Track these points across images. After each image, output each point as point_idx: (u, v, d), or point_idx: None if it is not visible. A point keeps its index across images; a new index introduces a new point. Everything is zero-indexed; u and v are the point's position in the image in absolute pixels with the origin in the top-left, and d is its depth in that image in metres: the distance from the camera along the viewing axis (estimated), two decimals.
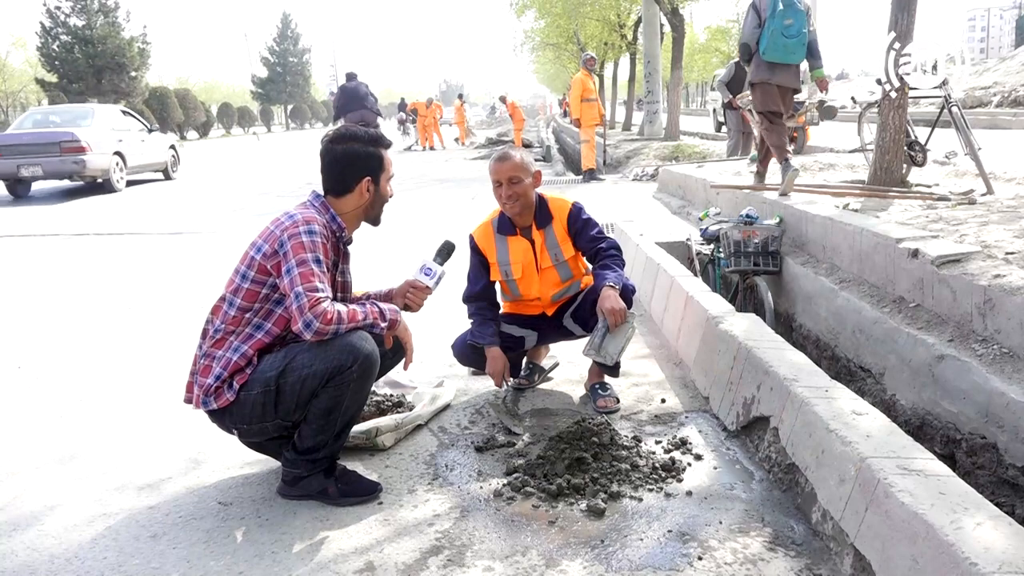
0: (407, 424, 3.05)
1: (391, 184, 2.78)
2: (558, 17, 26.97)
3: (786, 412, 2.58)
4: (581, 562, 2.17)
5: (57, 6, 41.73)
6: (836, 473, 2.17)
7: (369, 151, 2.65)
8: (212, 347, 2.49)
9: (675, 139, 16.23)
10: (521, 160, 3.21)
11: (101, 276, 6.82)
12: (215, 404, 2.45)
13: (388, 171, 2.71)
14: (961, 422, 3.19)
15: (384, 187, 2.71)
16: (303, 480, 2.54)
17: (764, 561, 2.14)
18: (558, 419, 3.20)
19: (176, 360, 4.04)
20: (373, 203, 2.70)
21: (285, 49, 71.01)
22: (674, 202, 9.17)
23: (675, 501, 2.50)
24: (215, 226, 9.58)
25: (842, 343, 4.34)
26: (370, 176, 2.65)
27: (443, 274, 2.90)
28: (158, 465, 2.89)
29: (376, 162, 2.66)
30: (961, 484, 1.90)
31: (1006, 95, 17.40)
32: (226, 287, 2.54)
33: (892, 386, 3.73)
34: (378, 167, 2.67)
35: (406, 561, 2.21)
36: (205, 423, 2.73)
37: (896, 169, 6.03)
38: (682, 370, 3.73)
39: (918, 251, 3.75)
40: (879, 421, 2.29)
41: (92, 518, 2.52)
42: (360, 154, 2.64)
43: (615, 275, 3.10)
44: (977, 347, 3.21)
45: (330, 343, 2.39)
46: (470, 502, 2.54)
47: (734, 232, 5.26)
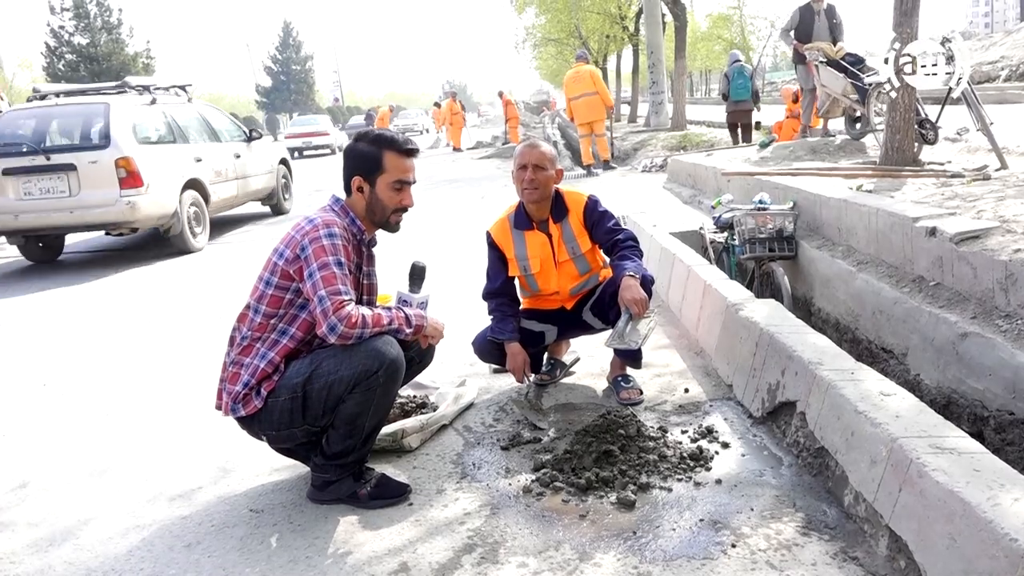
0: (432, 424, 3.06)
1: (407, 192, 2.65)
2: (559, 12, 26.95)
3: (812, 396, 2.57)
4: (615, 554, 2.17)
5: (61, 25, 42.10)
6: (867, 455, 2.16)
7: (365, 150, 2.59)
8: (240, 354, 2.50)
9: (682, 129, 16.19)
10: (549, 152, 3.27)
11: (116, 291, 6.86)
12: (243, 411, 2.47)
13: (390, 174, 2.58)
14: (988, 399, 3.17)
15: (383, 190, 2.58)
16: (333, 484, 2.56)
17: (798, 546, 2.14)
18: (583, 413, 3.20)
19: (197, 370, 4.07)
20: (371, 205, 2.60)
21: (288, 57, 71.31)
22: (685, 192, 9.14)
23: (705, 490, 2.50)
24: (229, 238, 9.61)
25: (862, 325, 4.32)
26: (360, 175, 2.58)
27: (427, 299, 2.88)
28: (188, 475, 2.92)
29: (369, 162, 2.57)
30: (996, 460, 1.89)
31: (1014, 69, 17.23)
32: (251, 295, 2.56)
33: (916, 366, 3.71)
34: (372, 168, 2.57)
35: (440, 560, 2.22)
36: (232, 431, 2.76)
37: (908, 148, 5.98)
38: (703, 359, 3.73)
39: (936, 229, 3.72)
40: (908, 401, 2.28)
41: (126, 530, 2.55)
42: (355, 153, 2.61)
43: (635, 265, 3.10)
44: (1001, 323, 3.18)
45: (356, 349, 2.40)
46: (500, 499, 2.54)
47: (748, 219, 5.24)
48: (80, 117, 8.40)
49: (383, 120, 27.23)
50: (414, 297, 2.86)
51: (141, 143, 8.11)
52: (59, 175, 7.75)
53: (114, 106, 8.13)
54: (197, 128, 9.49)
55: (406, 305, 2.79)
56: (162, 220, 8.24)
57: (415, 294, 2.88)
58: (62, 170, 7.75)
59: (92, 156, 7.78)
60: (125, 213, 7.81)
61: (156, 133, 8.59)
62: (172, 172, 8.40)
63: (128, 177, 7.76)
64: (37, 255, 8.74)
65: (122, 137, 7.88)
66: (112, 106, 8.11)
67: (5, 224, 7.93)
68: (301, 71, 72.11)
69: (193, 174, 8.75)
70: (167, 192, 8.22)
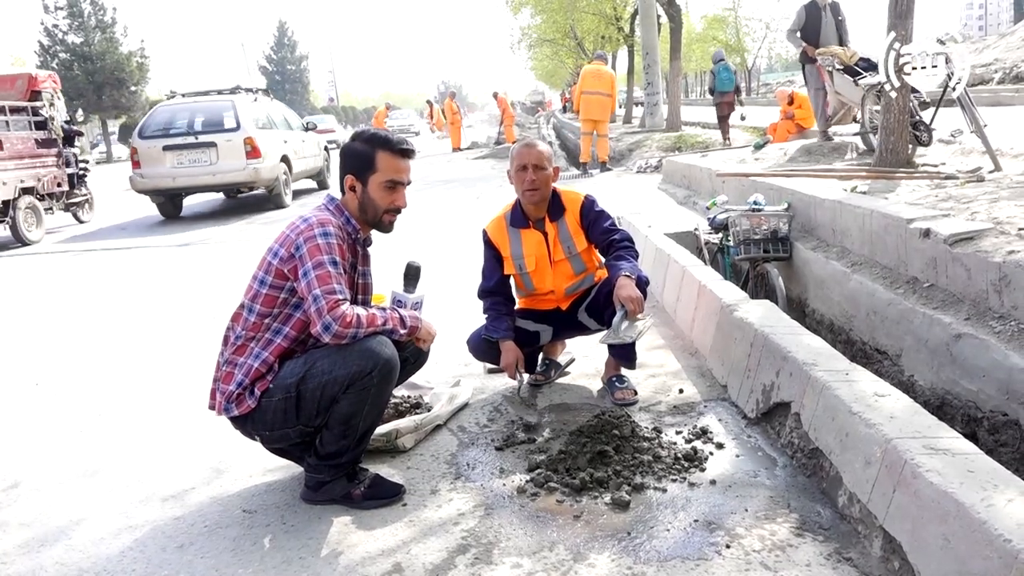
0: (426, 425, 3.05)
1: (400, 193, 2.61)
2: (554, 13, 27.00)
3: (807, 397, 2.57)
4: (609, 555, 2.17)
5: (55, 24, 41.99)
6: (861, 456, 2.16)
7: (358, 149, 2.58)
8: (233, 354, 2.49)
9: (677, 130, 16.20)
10: (547, 151, 3.28)
11: (111, 290, 6.85)
12: (237, 411, 2.46)
13: (382, 173, 2.55)
14: (982, 400, 3.18)
15: (375, 189, 2.56)
16: (326, 485, 2.55)
17: (792, 547, 2.13)
18: (577, 413, 3.20)
19: (189, 370, 4.06)
20: (363, 204, 2.57)
21: (283, 57, 71.29)
22: (680, 192, 9.15)
23: (699, 490, 2.50)
24: (223, 236, 9.60)
25: (856, 326, 4.32)
26: (353, 174, 2.57)
27: (421, 299, 2.87)
28: (181, 475, 2.90)
29: (362, 161, 2.56)
30: (989, 461, 1.89)
31: (1007, 71, 17.26)
32: (245, 294, 2.54)
33: (910, 367, 3.71)
34: (364, 166, 2.55)
35: (434, 561, 2.21)
36: (225, 432, 2.75)
37: (902, 150, 6.00)
38: (698, 359, 3.73)
39: (930, 230, 3.73)
40: (902, 402, 2.28)
41: (118, 531, 2.53)
42: (349, 152, 2.60)
43: (630, 265, 3.10)
44: (995, 324, 3.19)
45: (350, 349, 2.39)
46: (494, 500, 2.54)
47: (743, 220, 5.24)
48: (215, 109, 11.95)
49: (379, 119, 27.24)
50: (409, 297, 2.85)
51: (257, 128, 11.74)
52: (203, 150, 11.37)
53: (237, 102, 11.89)
54: (280, 119, 13.11)
55: (401, 305, 2.78)
56: (270, 182, 11.89)
57: (410, 294, 2.87)
58: (206, 146, 11.37)
59: (227, 136, 11.39)
60: (250, 175, 11.48)
61: (262, 121, 12.18)
62: (273, 149, 12.00)
63: (252, 151, 11.39)
64: (168, 211, 12.17)
65: (247, 123, 11.60)
66: (236, 102, 11.88)
67: (166, 184, 11.47)
68: (296, 71, 72.13)
69: (284, 151, 12.43)
70: (273, 162, 11.86)
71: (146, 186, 11.56)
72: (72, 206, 12.29)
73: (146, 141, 11.55)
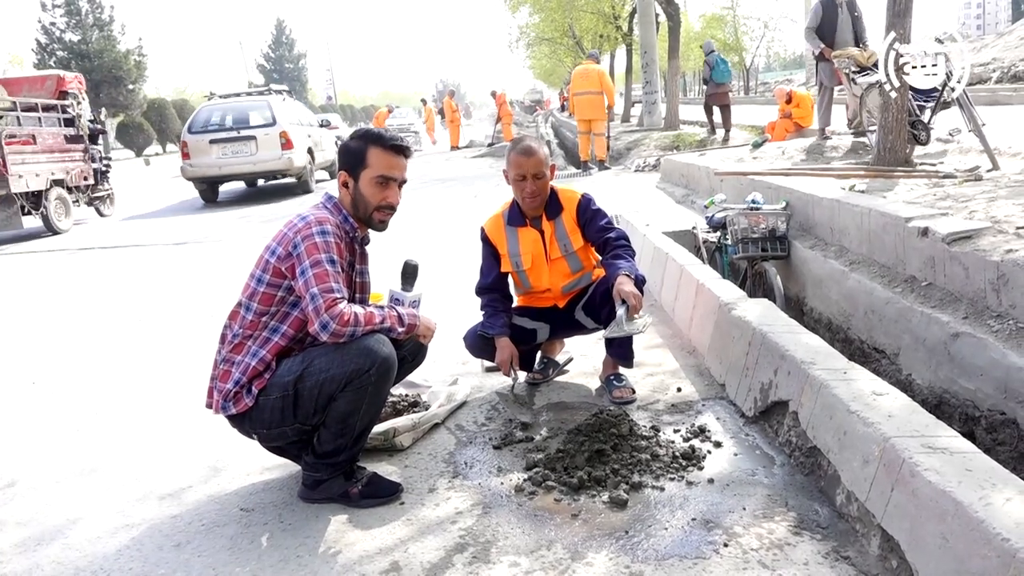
0: (424, 423, 3.05)
1: (392, 190, 2.59)
2: (552, 12, 26.92)
3: (805, 395, 2.57)
4: (607, 553, 2.17)
5: (52, 22, 41.92)
6: (859, 454, 2.16)
7: (352, 146, 2.58)
8: (231, 352, 2.49)
9: (675, 128, 16.19)
10: (544, 155, 3.24)
11: (107, 289, 6.84)
12: (234, 409, 2.45)
13: (373, 169, 2.53)
14: (979, 399, 3.18)
15: (365, 185, 2.54)
16: (324, 484, 2.54)
17: (790, 545, 2.13)
18: (575, 412, 3.19)
19: (186, 369, 4.05)
20: (355, 201, 2.56)
21: (281, 55, 71.26)
22: (678, 191, 9.15)
23: (697, 489, 2.49)
24: (220, 235, 9.59)
25: (855, 325, 4.33)
26: (345, 171, 2.57)
27: (419, 297, 2.87)
28: (178, 474, 2.90)
29: (354, 157, 2.55)
30: (988, 460, 1.89)
31: (1005, 70, 17.27)
32: (242, 292, 2.54)
33: (908, 366, 3.71)
34: (356, 162, 2.54)
35: (431, 560, 2.20)
36: (222, 430, 2.74)
37: (900, 148, 6.00)
38: (696, 358, 3.72)
39: (928, 229, 3.73)
40: (900, 400, 2.28)
41: (115, 529, 2.53)
42: (343, 149, 2.60)
43: (628, 265, 3.09)
44: (992, 323, 3.19)
45: (347, 347, 2.38)
46: (492, 498, 2.53)
47: (741, 218, 5.24)
48: (253, 108, 14.16)
49: (379, 121, 27.32)
50: (406, 296, 2.85)
51: (289, 123, 13.91)
52: (245, 142, 13.51)
53: (272, 101, 14.27)
54: (304, 116, 15.61)
55: (398, 304, 2.78)
56: (299, 171, 13.99)
57: (407, 292, 2.87)
58: (246, 139, 13.50)
59: (265, 131, 13.54)
60: (285, 163, 13.61)
61: (292, 117, 14.44)
62: (301, 141, 14.20)
63: (286, 143, 13.53)
64: (208, 197, 14.15)
65: (281, 119, 13.84)
66: (271, 101, 14.23)
67: (212, 172, 13.61)
68: (294, 69, 72.10)
69: (309, 144, 14.60)
70: (302, 153, 14.07)
71: (195, 174, 13.64)
72: (95, 200, 13.04)
73: (195, 136, 13.57)
